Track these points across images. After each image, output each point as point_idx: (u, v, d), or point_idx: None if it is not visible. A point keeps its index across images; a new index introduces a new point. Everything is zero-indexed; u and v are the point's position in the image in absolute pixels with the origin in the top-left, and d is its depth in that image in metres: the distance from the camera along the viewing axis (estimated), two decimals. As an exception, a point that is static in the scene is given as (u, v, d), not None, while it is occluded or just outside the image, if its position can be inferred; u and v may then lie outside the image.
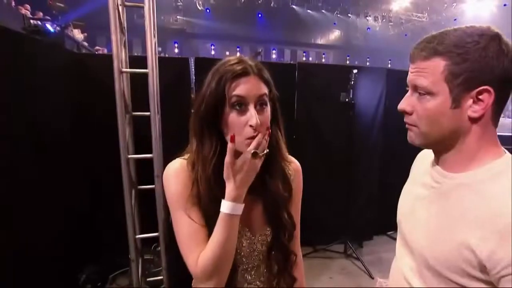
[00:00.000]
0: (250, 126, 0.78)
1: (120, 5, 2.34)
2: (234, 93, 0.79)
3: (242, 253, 0.90)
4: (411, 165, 1.01)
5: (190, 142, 0.88)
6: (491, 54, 0.68)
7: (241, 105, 0.79)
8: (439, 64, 0.70)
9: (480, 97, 0.69)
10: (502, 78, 0.69)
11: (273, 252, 0.93)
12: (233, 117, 0.79)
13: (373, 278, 3.05)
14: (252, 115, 0.78)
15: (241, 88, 0.79)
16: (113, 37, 2.19)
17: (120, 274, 2.86)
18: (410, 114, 0.77)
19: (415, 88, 0.75)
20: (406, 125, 0.79)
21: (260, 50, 11.93)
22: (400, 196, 0.96)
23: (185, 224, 0.83)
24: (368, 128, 3.60)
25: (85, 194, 2.73)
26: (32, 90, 2.06)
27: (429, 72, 0.72)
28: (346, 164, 3.42)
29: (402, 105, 0.78)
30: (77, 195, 2.63)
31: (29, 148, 1.99)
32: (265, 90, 0.82)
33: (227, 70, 0.80)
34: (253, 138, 0.78)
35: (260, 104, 0.81)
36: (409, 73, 0.77)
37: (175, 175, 0.86)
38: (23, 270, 1.90)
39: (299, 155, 3.77)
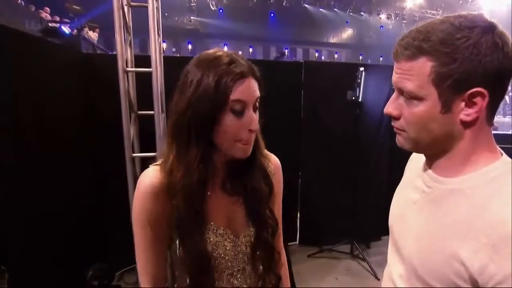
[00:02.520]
0: (250, 130, 0.78)
1: (126, 5, 2.38)
2: (236, 97, 0.75)
3: (227, 257, 0.87)
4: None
5: (167, 146, 0.82)
6: (484, 51, 0.59)
7: (240, 109, 0.76)
8: (425, 66, 0.62)
9: (473, 99, 0.62)
10: (497, 75, 0.61)
11: (258, 252, 0.90)
12: (231, 121, 0.76)
13: (379, 279, 3.01)
14: (252, 119, 0.78)
15: (242, 92, 0.75)
16: (117, 37, 2.23)
17: (127, 271, 2.90)
18: (397, 118, 0.70)
19: (401, 91, 0.68)
20: (394, 129, 0.73)
21: (285, 51, 11.86)
22: (392, 199, 0.91)
23: (142, 247, 0.84)
24: (376, 126, 3.55)
25: (92, 192, 2.79)
26: (42, 90, 2.12)
27: (414, 75, 0.64)
28: (353, 163, 3.38)
29: (388, 108, 0.71)
30: (84, 193, 2.68)
31: (37, 147, 2.04)
32: (259, 92, 0.80)
33: (225, 71, 0.74)
34: (247, 141, 0.79)
35: (255, 107, 0.80)
36: (393, 72, 0.69)
37: (145, 190, 0.81)
38: (31, 267, 1.95)
39: (305, 154, 3.75)
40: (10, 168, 1.82)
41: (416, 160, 0.87)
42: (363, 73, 3.13)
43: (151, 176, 0.81)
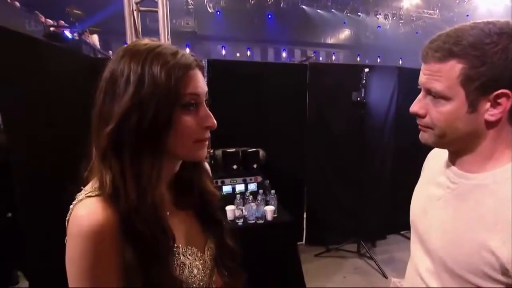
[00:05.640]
0: (207, 127, 0.69)
1: (135, 10, 2.42)
2: (190, 91, 0.65)
3: (200, 277, 0.75)
4: (423, 164, 0.99)
5: (100, 166, 0.65)
6: (511, 56, 0.63)
7: (194, 105, 0.67)
8: (454, 68, 0.66)
9: (498, 100, 0.66)
10: None
11: (220, 260, 0.82)
12: (187, 120, 0.65)
13: (386, 278, 3.04)
14: (209, 115, 0.69)
15: (194, 85, 0.66)
16: (129, 42, 2.26)
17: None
18: (423, 117, 0.74)
19: (429, 91, 0.72)
20: (419, 127, 0.77)
21: (312, 55, 11.83)
22: (413, 196, 0.95)
23: None
24: (380, 127, 3.61)
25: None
26: (51, 93, 2.14)
27: (444, 76, 0.68)
28: (358, 163, 3.43)
29: (415, 107, 0.75)
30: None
31: (47, 149, 2.06)
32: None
33: (173, 63, 0.63)
34: (206, 139, 0.70)
35: (206, 102, 0.71)
36: (421, 73, 0.73)
37: (95, 235, 0.60)
38: (45, 270, 1.97)
39: (310, 155, 3.78)
40: (22, 171, 1.84)
41: (435, 159, 0.91)
42: (368, 74, 3.17)
43: (93, 212, 0.61)
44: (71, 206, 0.65)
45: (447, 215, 0.77)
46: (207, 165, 0.86)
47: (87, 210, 0.62)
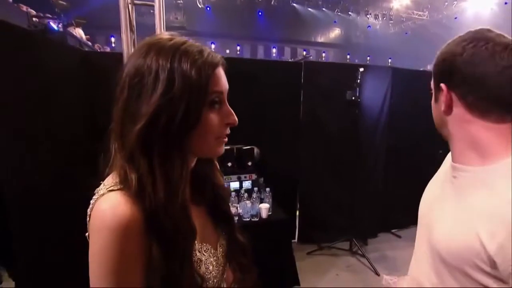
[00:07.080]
0: (228, 124, 0.69)
1: (130, 3, 2.35)
2: (216, 89, 0.65)
3: (214, 274, 0.75)
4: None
5: (125, 163, 0.63)
6: (450, 57, 0.75)
7: (219, 102, 0.67)
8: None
9: (440, 92, 0.78)
10: (458, 76, 0.74)
11: (232, 257, 0.82)
12: (212, 118, 0.66)
13: (378, 275, 3.08)
14: (231, 112, 0.69)
15: (220, 82, 0.67)
16: (124, 36, 2.21)
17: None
18: None
19: None
20: None
21: (305, 54, 11.86)
22: (423, 195, 0.97)
23: None
24: (374, 126, 3.63)
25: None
26: (44, 88, 2.08)
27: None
28: (351, 162, 3.45)
29: None
30: (91, 194, 2.63)
31: (43, 146, 2.01)
32: None
33: (202, 60, 0.63)
34: (226, 136, 0.70)
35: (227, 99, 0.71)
36: None
37: (117, 226, 0.58)
38: (42, 270, 1.92)
39: (304, 153, 3.77)
40: (18, 169, 1.78)
41: (449, 159, 0.92)
42: (363, 74, 3.19)
43: (118, 205, 0.60)
44: (92, 201, 0.63)
45: (447, 209, 0.79)
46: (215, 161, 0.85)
47: (110, 203, 0.60)
